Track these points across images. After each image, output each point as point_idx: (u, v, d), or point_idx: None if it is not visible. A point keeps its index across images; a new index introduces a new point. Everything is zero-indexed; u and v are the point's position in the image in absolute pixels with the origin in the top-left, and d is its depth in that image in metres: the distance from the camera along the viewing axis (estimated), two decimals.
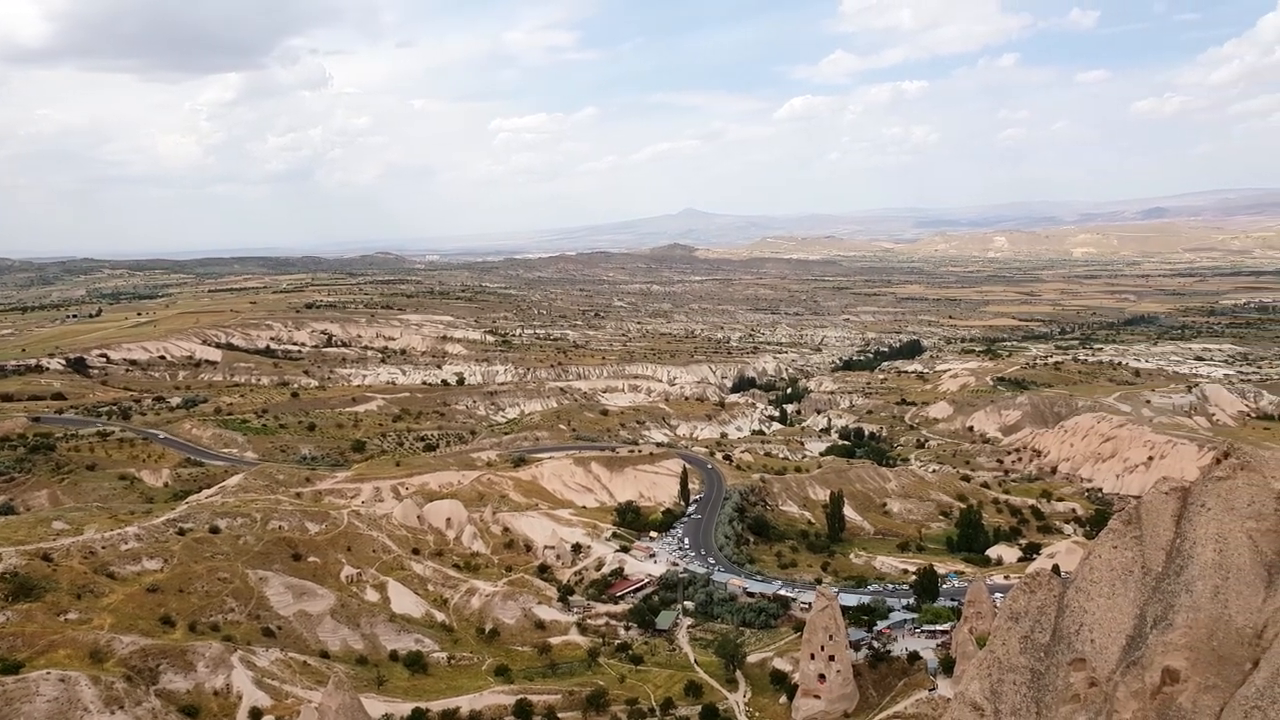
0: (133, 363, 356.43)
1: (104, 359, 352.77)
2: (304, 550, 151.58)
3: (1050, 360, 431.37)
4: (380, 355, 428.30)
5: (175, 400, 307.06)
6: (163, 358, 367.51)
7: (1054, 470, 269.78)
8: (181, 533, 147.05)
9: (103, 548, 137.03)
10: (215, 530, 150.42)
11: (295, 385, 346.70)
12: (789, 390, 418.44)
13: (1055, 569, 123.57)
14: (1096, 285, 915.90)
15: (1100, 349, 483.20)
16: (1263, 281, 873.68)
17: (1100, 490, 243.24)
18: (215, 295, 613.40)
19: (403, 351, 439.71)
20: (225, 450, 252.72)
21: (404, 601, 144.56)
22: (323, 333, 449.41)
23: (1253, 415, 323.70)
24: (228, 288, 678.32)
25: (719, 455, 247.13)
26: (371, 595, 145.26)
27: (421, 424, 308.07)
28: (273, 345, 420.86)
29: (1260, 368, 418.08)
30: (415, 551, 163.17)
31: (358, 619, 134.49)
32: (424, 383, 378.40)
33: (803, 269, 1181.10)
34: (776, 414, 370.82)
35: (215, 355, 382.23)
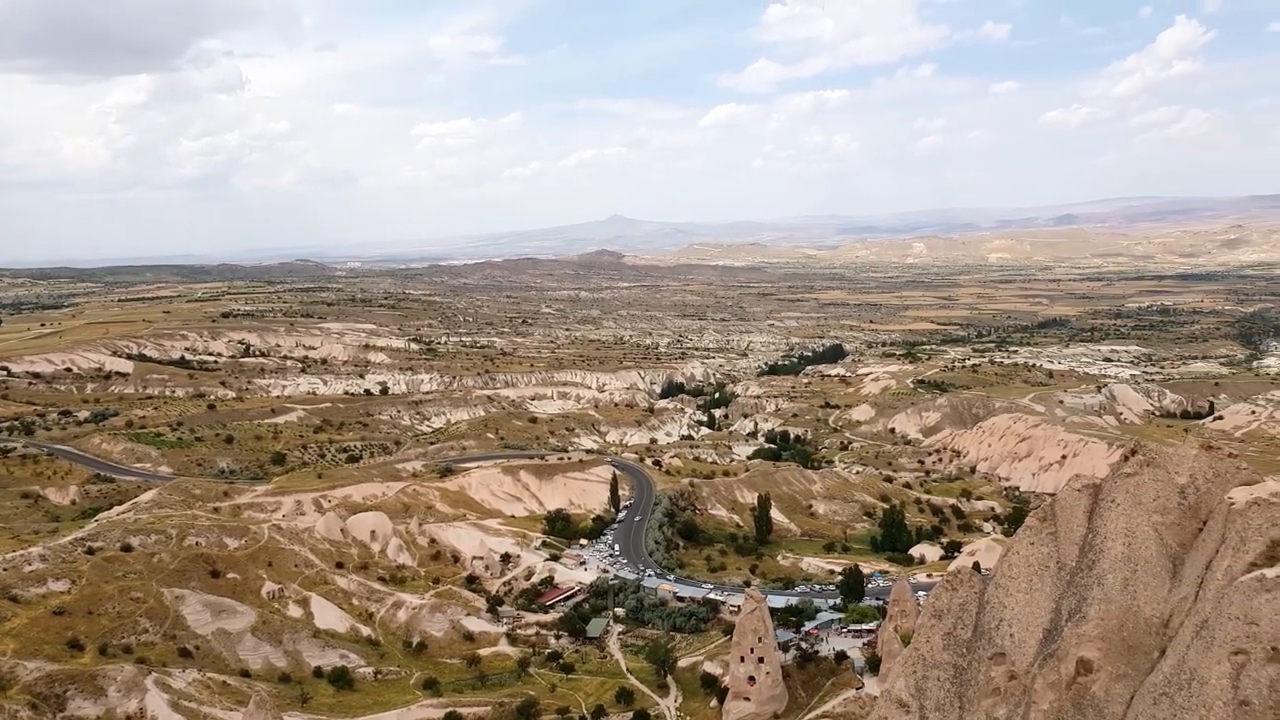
0: (36, 375, 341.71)
1: (4, 371, 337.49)
2: (223, 567, 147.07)
3: (968, 363, 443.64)
4: (300, 365, 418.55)
5: (83, 414, 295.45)
6: (69, 370, 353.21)
7: (973, 470, 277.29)
8: (91, 552, 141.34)
9: (4, 569, 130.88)
10: (127, 548, 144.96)
11: (212, 397, 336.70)
12: (717, 395, 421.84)
13: (976, 566, 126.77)
14: (1011, 290, 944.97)
15: (1015, 351, 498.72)
16: (1164, 285, 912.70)
17: (1017, 488, 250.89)
18: (126, 305, 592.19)
19: (324, 361, 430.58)
20: (138, 465, 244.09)
21: (328, 616, 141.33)
22: (240, 342, 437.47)
23: (1157, 414, 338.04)
24: (139, 297, 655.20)
25: (649, 461, 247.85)
26: (294, 611, 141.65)
27: (344, 435, 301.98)
28: (188, 356, 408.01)
29: (1163, 368, 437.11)
30: (339, 565, 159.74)
31: (280, 636, 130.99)
32: (346, 393, 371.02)
33: (729, 275, 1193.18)
34: (705, 419, 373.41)
35: (126, 367, 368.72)
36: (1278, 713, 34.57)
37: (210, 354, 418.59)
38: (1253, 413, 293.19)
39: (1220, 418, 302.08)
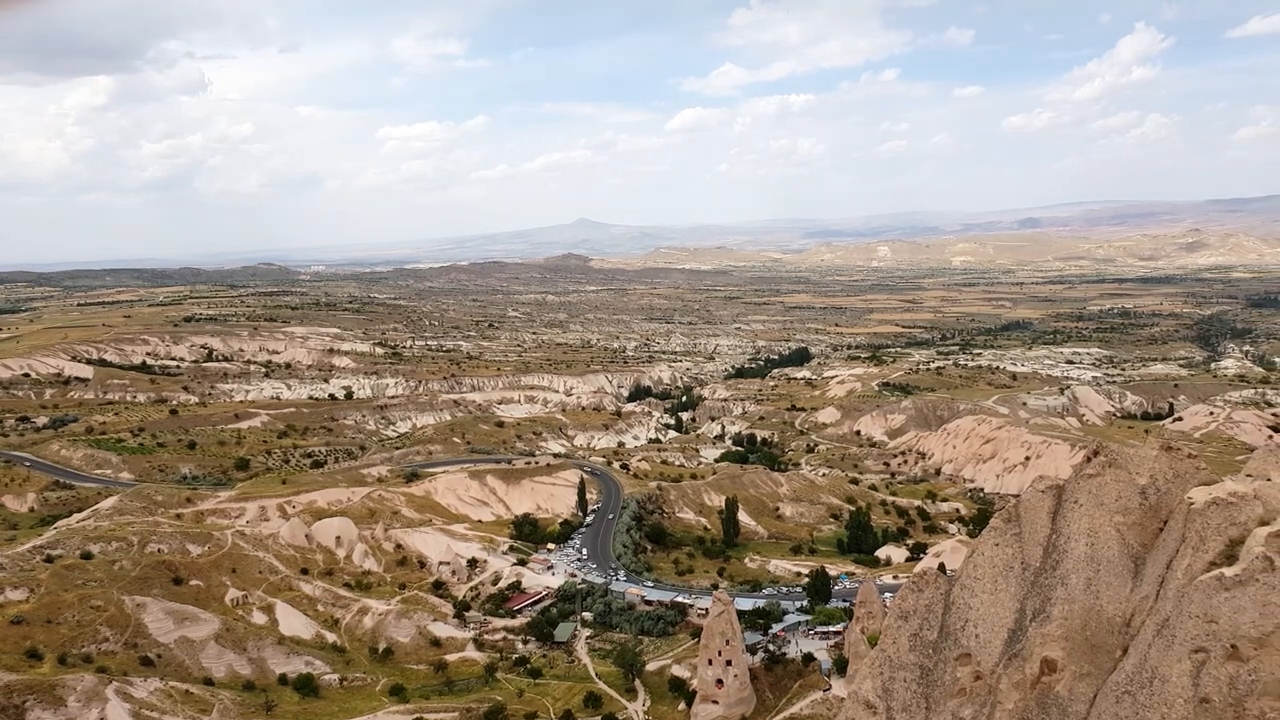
0: None
1: None
2: (185, 573, 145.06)
3: (932, 365, 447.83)
4: (264, 369, 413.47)
5: (41, 420, 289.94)
6: (27, 375, 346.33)
7: (938, 471, 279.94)
8: (49, 560, 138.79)
9: None
10: (87, 556, 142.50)
11: (174, 402, 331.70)
12: (684, 398, 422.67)
13: (941, 567, 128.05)
14: (975, 293, 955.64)
15: (979, 354, 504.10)
16: (1124, 288, 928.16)
17: (982, 490, 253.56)
18: (85, 309, 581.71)
19: (287, 365, 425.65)
20: (98, 472, 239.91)
21: (293, 623, 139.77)
22: (203, 347, 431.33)
23: (1118, 415, 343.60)
24: (99, 301, 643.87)
25: (616, 464, 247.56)
26: (258, 618, 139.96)
27: (308, 440, 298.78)
28: (149, 361, 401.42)
29: (1124, 370, 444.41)
30: (304, 571, 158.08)
31: (244, 643, 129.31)
32: (310, 397, 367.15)
33: (695, 279, 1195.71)
34: (672, 422, 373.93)
35: (86, 372, 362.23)
36: (1237, 709, 35.21)
37: (172, 359, 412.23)
38: (1211, 414, 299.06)
39: (1180, 419, 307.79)
